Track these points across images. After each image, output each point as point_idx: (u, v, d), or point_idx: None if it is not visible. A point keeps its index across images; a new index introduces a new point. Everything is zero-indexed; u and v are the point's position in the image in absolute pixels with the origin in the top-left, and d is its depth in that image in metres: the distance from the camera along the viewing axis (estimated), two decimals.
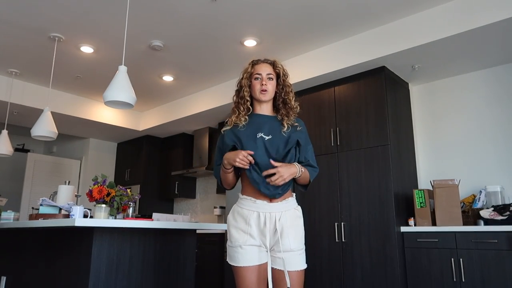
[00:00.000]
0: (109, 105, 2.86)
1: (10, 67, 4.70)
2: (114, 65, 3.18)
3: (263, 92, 1.83)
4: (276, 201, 1.75)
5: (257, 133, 1.78)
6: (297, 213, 1.80)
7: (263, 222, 1.71)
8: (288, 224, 1.73)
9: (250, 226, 1.72)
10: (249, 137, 1.77)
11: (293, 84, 2.04)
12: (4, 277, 3.22)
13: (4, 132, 4.63)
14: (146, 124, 6.19)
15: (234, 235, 1.74)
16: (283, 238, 1.70)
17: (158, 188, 6.47)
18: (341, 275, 3.65)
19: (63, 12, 3.50)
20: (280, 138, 1.77)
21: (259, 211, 1.73)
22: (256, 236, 1.71)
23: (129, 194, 2.87)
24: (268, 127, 1.81)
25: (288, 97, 1.86)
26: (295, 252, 1.70)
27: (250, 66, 1.89)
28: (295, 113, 1.87)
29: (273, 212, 1.73)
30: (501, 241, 2.97)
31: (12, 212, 3.40)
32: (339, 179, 3.87)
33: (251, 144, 1.75)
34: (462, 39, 3.26)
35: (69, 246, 2.56)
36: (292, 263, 1.69)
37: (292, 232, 1.72)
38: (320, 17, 3.53)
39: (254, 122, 1.84)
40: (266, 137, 1.77)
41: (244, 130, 1.80)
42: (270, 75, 1.86)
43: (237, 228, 1.75)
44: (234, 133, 1.82)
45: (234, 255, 1.72)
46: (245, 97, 1.85)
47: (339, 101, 4.04)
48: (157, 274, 2.64)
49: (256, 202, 1.74)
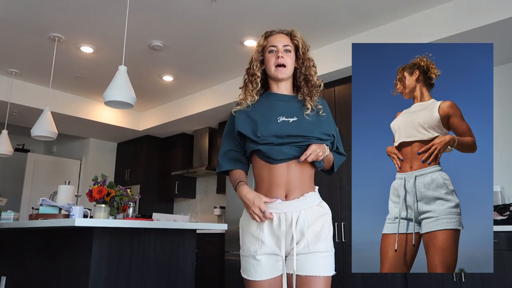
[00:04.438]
0: (109, 105, 2.86)
1: (10, 67, 4.69)
2: (114, 65, 3.17)
3: (279, 69, 1.52)
4: (293, 198, 1.45)
5: (278, 116, 1.47)
6: (321, 210, 1.49)
7: (277, 225, 1.44)
8: (309, 223, 1.44)
9: (262, 231, 1.45)
10: (267, 120, 1.47)
11: None
12: (4, 277, 3.22)
13: (4, 132, 4.63)
14: (146, 124, 6.19)
15: (246, 242, 1.49)
16: (302, 240, 1.43)
17: (158, 188, 6.47)
18: (341, 275, 3.65)
19: (63, 12, 3.50)
20: (308, 122, 1.48)
21: (272, 212, 1.45)
22: (268, 243, 1.44)
23: (129, 194, 2.87)
24: (289, 108, 1.51)
25: (310, 73, 1.56)
26: (317, 253, 1.42)
27: (263, 39, 1.58)
28: (318, 92, 1.57)
29: (289, 212, 1.44)
30: (501, 241, 2.97)
31: (12, 212, 3.40)
32: (339, 179, 3.87)
33: (270, 128, 1.45)
34: (462, 39, 3.26)
35: (69, 246, 2.55)
36: (314, 266, 1.40)
37: (314, 232, 1.44)
38: (320, 17, 3.53)
39: (271, 102, 1.54)
40: (290, 119, 1.47)
41: (260, 112, 1.50)
42: (287, 46, 1.54)
43: (248, 233, 1.48)
44: (248, 115, 1.51)
45: (247, 266, 1.47)
46: (255, 72, 1.55)
47: (339, 101, 4.04)
48: (157, 274, 2.64)
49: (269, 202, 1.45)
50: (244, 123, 1.50)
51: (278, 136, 1.44)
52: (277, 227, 1.44)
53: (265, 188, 1.48)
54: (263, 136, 1.44)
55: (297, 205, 1.45)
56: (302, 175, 1.48)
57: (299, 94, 1.56)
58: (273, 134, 1.44)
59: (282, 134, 1.44)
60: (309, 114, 1.49)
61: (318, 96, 1.56)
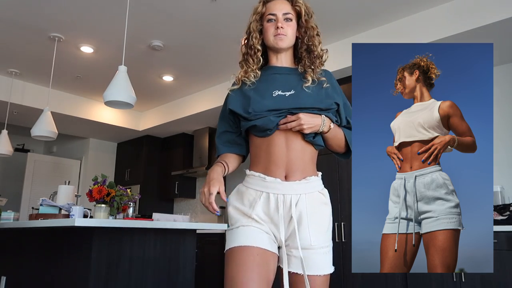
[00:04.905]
0: (109, 105, 2.86)
1: (10, 67, 4.70)
2: (114, 65, 3.17)
3: (279, 36, 1.36)
4: (294, 179, 1.29)
5: (273, 91, 1.33)
6: (323, 198, 1.35)
7: (274, 207, 1.27)
8: (309, 211, 1.28)
9: (254, 210, 1.29)
10: (261, 95, 1.32)
11: None
12: (4, 277, 3.22)
13: (4, 132, 4.63)
14: (146, 124, 6.19)
15: (235, 216, 1.32)
16: (301, 230, 1.26)
17: (158, 188, 6.47)
18: (341, 275, 3.65)
19: (63, 12, 3.50)
20: (306, 95, 1.33)
21: (269, 192, 1.28)
22: (262, 221, 1.28)
23: (129, 194, 2.88)
24: (287, 81, 1.36)
25: (313, 43, 1.40)
26: (317, 250, 1.27)
27: (261, 5, 1.43)
28: (322, 64, 1.42)
29: (288, 193, 1.28)
30: (501, 241, 2.97)
31: (12, 212, 3.40)
32: (339, 179, 3.87)
33: (264, 103, 1.30)
34: (462, 39, 3.26)
35: (69, 246, 2.55)
36: (314, 264, 1.26)
37: (314, 222, 1.29)
38: (320, 17, 3.51)
39: (268, 76, 1.39)
40: (286, 93, 1.32)
41: (255, 88, 1.36)
42: (288, 14, 1.39)
43: (238, 209, 1.33)
44: (242, 92, 1.38)
45: (234, 235, 1.28)
46: (254, 45, 1.41)
47: None
48: (157, 274, 2.64)
49: (266, 180, 1.29)
50: (236, 100, 1.37)
51: (272, 111, 1.29)
52: (274, 210, 1.27)
53: (262, 167, 1.32)
54: (254, 112, 1.29)
55: (298, 187, 1.29)
56: (304, 156, 1.33)
57: (299, 66, 1.41)
58: (266, 109, 1.29)
59: (277, 108, 1.29)
60: (309, 86, 1.34)
61: (321, 67, 1.41)
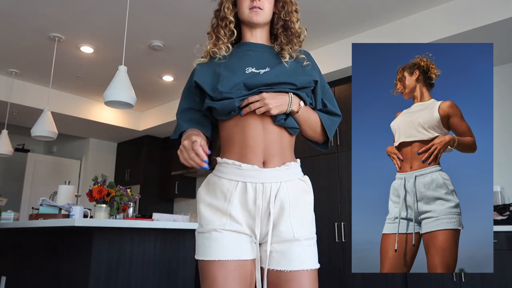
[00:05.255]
0: (109, 105, 2.86)
1: (10, 67, 4.69)
2: (114, 65, 3.18)
3: (255, 10, 1.23)
4: (273, 166, 1.15)
5: (246, 67, 1.19)
6: (304, 186, 1.20)
7: (252, 198, 1.12)
8: (292, 200, 1.14)
9: (231, 204, 1.12)
10: (232, 71, 1.19)
11: None
12: (4, 277, 3.22)
13: (4, 132, 4.63)
14: (146, 124, 6.19)
15: (206, 215, 1.15)
16: (282, 221, 1.12)
17: (158, 188, 6.47)
18: (341, 275, 3.65)
19: (63, 12, 3.50)
20: (282, 71, 1.19)
21: (245, 181, 1.13)
22: (240, 219, 1.12)
23: (129, 194, 2.88)
24: (262, 59, 1.23)
25: (290, 19, 1.27)
26: (302, 242, 1.12)
27: None
28: (300, 42, 1.29)
29: (267, 182, 1.13)
30: (501, 241, 2.97)
31: (12, 212, 3.40)
32: (339, 179, 3.87)
33: (234, 80, 1.16)
34: (462, 39, 3.26)
35: (69, 246, 2.55)
36: (299, 258, 1.10)
37: (297, 212, 1.14)
38: (320, 17, 3.53)
39: (241, 53, 1.26)
40: (261, 70, 1.19)
41: (226, 64, 1.22)
42: None
43: (211, 206, 1.15)
44: (211, 68, 1.24)
45: (205, 244, 1.12)
46: (226, 16, 1.26)
47: (339, 101, 4.00)
48: (157, 274, 2.64)
49: (242, 168, 1.13)
50: (204, 75, 1.23)
51: (242, 90, 1.15)
52: (252, 200, 1.12)
53: (236, 154, 1.16)
54: (222, 90, 1.15)
55: (278, 174, 1.14)
56: (282, 141, 1.19)
57: (275, 44, 1.28)
58: (236, 87, 1.15)
59: (248, 85, 1.15)
60: (287, 62, 1.21)
61: (299, 45, 1.28)
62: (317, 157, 3.97)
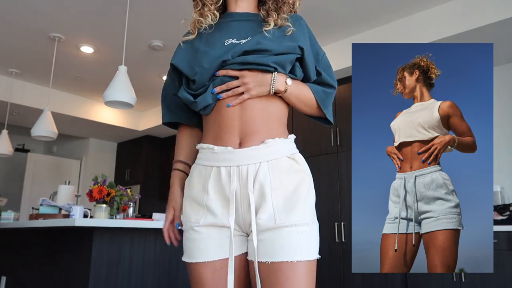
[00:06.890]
0: (109, 105, 2.86)
1: (10, 67, 4.70)
2: (114, 65, 3.18)
3: None
4: (250, 145, 1.00)
5: (226, 39, 1.07)
6: (294, 164, 1.03)
7: (226, 182, 0.99)
8: (274, 182, 0.98)
9: (206, 194, 1.01)
10: (211, 46, 1.07)
11: None
12: (4, 277, 3.22)
13: (4, 132, 4.63)
14: (146, 124, 6.19)
15: (186, 210, 1.07)
16: (264, 207, 0.97)
17: (158, 188, 6.47)
18: (341, 275, 3.65)
19: (63, 12, 3.50)
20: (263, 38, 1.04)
21: (219, 166, 1.01)
22: (217, 210, 1.00)
23: (129, 194, 2.88)
24: (245, 28, 1.09)
25: None
26: (290, 228, 0.95)
27: None
28: (290, 8, 1.13)
29: (243, 164, 0.99)
30: (501, 241, 2.97)
31: (12, 212, 3.40)
32: (339, 179, 3.87)
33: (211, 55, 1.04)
34: (462, 39, 3.26)
35: (69, 246, 2.56)
36: (283, 248, 0.94)
37: (282, 194, 0.98)
38: (320, 17, 3.53)
39: (223, 25, 1.12)
40: (242, 40, 1.05)
41: (207, 35, 1.11)
42: None
43: (190, 198, 1.06)
44: (193, 44, 1.12)
45: (185, 244, 1.06)
46: None
47: (339, 101, 4.04)
48: (157, 274, 2.64)
49: (215, 151, 1.02)
50: (184, 54, 1.11)
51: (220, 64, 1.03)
52: (227, 187, 0.99)
53: (212, 137, 1.05)
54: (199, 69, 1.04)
55: (255, 154, 0.99)
56: (265, 114, 1.04)
57: (261, 10, 1.13)
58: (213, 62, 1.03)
59: (225, 59, 1.03)
60: (269, 30, 1.06)
61: (288, 12, 1.12)
62: (317, 157, 3.97)
